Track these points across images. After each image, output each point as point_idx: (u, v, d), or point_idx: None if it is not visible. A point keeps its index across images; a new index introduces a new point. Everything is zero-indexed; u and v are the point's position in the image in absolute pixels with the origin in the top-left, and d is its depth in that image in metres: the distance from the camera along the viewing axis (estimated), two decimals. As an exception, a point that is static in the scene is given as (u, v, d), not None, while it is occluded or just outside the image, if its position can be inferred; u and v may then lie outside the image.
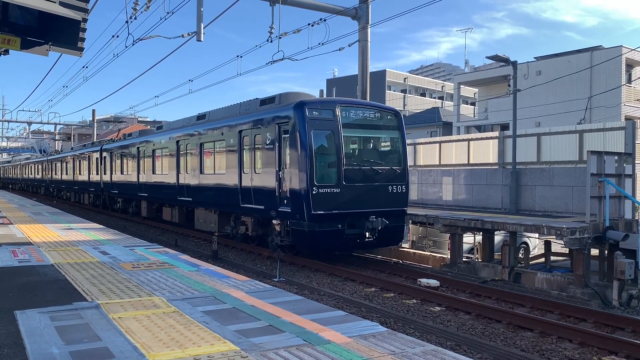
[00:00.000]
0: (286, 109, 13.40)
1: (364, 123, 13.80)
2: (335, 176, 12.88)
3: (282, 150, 13.41)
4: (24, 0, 7.31)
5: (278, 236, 14.10)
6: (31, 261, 8.78)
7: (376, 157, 14.00)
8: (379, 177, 13.54)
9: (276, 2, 15.67)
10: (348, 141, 13.53)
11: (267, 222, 14.75)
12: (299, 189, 12.65)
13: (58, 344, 4.52)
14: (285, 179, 13.20)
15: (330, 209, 12.66)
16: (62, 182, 40.93)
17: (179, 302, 6.03)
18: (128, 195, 26.26)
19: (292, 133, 13.00)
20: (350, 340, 4.66)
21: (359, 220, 13.06)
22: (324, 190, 12.62)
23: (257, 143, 14.60)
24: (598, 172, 12.05)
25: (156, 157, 22.35)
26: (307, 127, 12.66)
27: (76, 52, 8.94)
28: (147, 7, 15.04)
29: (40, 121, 55.58)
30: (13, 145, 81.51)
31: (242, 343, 4.58)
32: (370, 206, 13.20)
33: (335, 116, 13.12)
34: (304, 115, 12.72)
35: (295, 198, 12.78)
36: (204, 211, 18.33)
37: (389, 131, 14.33)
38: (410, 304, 10.11)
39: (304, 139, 12.65)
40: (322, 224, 12.57)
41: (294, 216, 12.91)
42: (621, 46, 31.27)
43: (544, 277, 12.11)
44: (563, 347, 7.80)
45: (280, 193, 13.35)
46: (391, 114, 14.41)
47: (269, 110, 14.38)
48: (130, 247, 10.73)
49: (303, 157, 12.61)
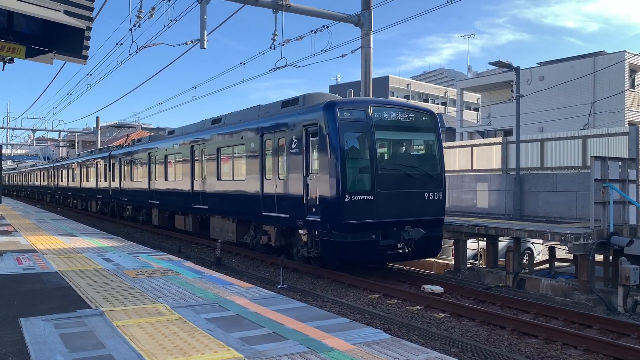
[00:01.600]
0: (315, 110, 12.51)
1: (397, 124, 12.79)
2: (369, 182, 11.96)
3: (310, 154, 12.57)
4: (29, 9, 7.37)
5: (304, 247, 13.27)
6: (35, 268, 8.80)
7: (411, 162, 12.98)
8: (415, 183, 12.55)
9: (279, 9, 15.73)
10: (382, 144, 12.70)
11: (291, 231, 13.96)
12: (330, 196, 11.77)
13: (62, 351, 4.53)
14: (314, 186, 12.30)
15: (364, 218, 11.77)
16: (68, 189, 40.44)
17: (183, 310, 6.03)
18: (138, 202, 25.60)
19: (321, 136, 12.08)
20: (354, 348, 4.66)
21: (394, 230, 12.15)
22: (357, 198, 11.71)
23: (281, 147, 13.75)
24: (602, 177, 12.03)
25: (168, 163, 21.57)
26: (338, 129, 11.74)
27: (80, 60, 9.01)
28: (150, 15, 15.12)
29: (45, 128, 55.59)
30: (17, 152, 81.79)
31: (245, 350, 4.58)
32: (405, 215, 12.25)
33: (368, 117, 12.19)
34: (335, 116, 11.81)
35: (325, 206, 11.93)
36: (221, 219, 17.44)
37: (424, 133, 13.30)
38: (414, 310, 10.08)
39: (334, 142, 11.74)
40: (355, 234, 11.69)
41: (323, 226, 12.02)
42: (624, 51, 31.25)
43: (548, 283, 12.06)
44: (568, 353, 7.76)
45: (308, 201, 12.46)
46: (426, 115, 13.38)
47: (294, 111, 13.55)
48: (134, 254, 10.74)
49: (334, 161, 11.72)
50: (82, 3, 8.32)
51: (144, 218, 25.33)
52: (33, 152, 76.10)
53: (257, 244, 15.55)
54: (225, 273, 11.18)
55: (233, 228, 16.58)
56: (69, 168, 39.94)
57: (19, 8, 7.23)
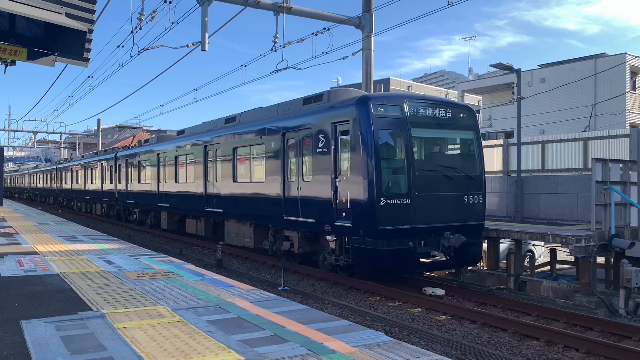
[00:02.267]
0: (346, 106, 11.65)
1: (434, 121, 11.78)
2: (405, 185, 11.04)
3: (340, 154, 11.69)
4: (31, 12, 7.39)
5: (332, 254, 12.36)
6: (37, 271, 8.81)
7: (449, 162, 12.03)
8: (454, 185, 11.64)
9: (280, 11, 15.76)
10: (418, 143, 11.74)
11: (316, 237, 13.13)
12: (363, 199, 10.88)
13: (63, 354, 4.53)
14: (344, 188, 11.41)
15: (400, 223, 10.86)
16: (72, 192, 39.62)
17: (184, 312, 6.03)
18: (146, 205, 24.78)
19: (353, 133, 11.21)
20: (355, 350, 4.65)
21: (432, 236, 11.22)
22: (393, 202, 10.82)
23: (305, 146, 12.88)
24: (603, 179, 12.02)
25: (179, 165, 20.70)
26: (372, 127, 10.82)
27: (82, 62, 9.04)
28: (152, 18, 15.15)
29: (46, 130, 55.79)
30: (18, 154, 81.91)
31: (246, 353, 4.58)
32: (444, 220, 11.34)
33: (403, 113, 11.27)
34: (369, 112, 10.89)
35: (358, 211, 11.03)
36: (236, 224, 16.50)
37: (463, 131, 12.34)
38: (415, 312, 10.08)
39: (368, 140, 10.84)
40: (391, 241, 10.77)
41: (355, 232, 11.13)
42: (625, 53, 31.25)
43: (549, 286, 12.05)
44: (570, 356, 7.75)
45: (337, 204, 11.56)
46: (465, 112, 12.45)
47: (320, 108, 12.73)
48: (135, 257, 10.75)
49: (368, 162, 10.81)
50: (83, 6, 8.36)
51: (152, 222, 24.60)
52: (34, 155, 76.21)
53: (277, 250, 14.63)
54: (226, 275, 11.19)
55: (250, 233, 15.71)
56: (72, 170, 39.17)
57: (20, 11, 7.26)
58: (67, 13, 8.02)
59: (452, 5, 13.38)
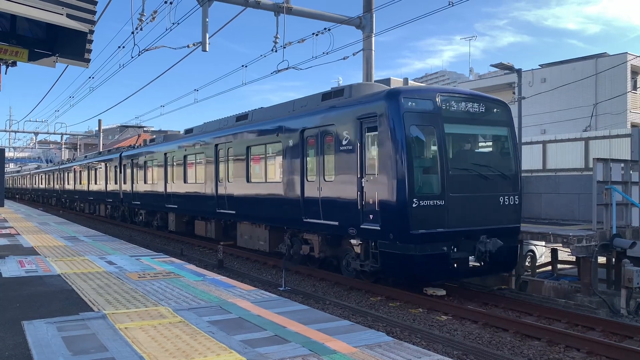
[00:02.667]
0: (373, 100, 10.91)
1: (468, 117, 11.08)
2: (439, 185, 10.32)
3: (366, 152, 10.97)
4: (32, 13, 7.40)
5: (356, 259, 11.69)
6: (38, 271, 8.82)
7: (484, 160, 11.29)
8: (489, 185, 10.94)
9: (280, 12, 15.78)
10: (452, 140, 10.89)
11: (337, 240, 12.50)
12: (393, 201, 10.16)
13: (65, 354, 4.54)
14: (372, 189, 10.69)
15: (434, 226, 10.13)
16: (75, 193, 38.87)
17: (185, 312, 6.04)
18: (153, 207, 24.00)
19: (382, 130, 10.47)
20: (357, 350, 4.66)
21: (467, 240, 10.54)
22: (426, 203, 10.08)
23: (327, 144, 12.16)
24: (604, 179, 12.01)
25: (188, 165, 19.93)
26: (404, 122, 10.11)
27: (83, 63, 9.03)
28: (152, 18, 15.18)
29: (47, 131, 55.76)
30: (19, 155, 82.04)
31: (248, 353, 4.58)
32: (480, 223, 10.63)
33: (436, 108, 10.56)
34: (400, 106, 10.19)
35: (388, 213, 10.32)
36: (250, 226, 15.72)
37: (497, 127, 11.63)
38: (417, 313, 10.07)
39: (399, 136, 10.11)
40: (424, 246, 10.04)
41: (384, 236, 10.41)
42: (626, 53, 31.25)
43: (551, 286, 12.04)
44: (571, 356, 7.75)
45: (364, 206, 10.86)
46: (499, 107, 11.68)
47: (344, 103, 12.02)
48: (136, 257, 10.76)
49: (399, 160, 10.08)
50: (84, 6, 8.36)
51: (158, 223, 23.79)
52: (35, 155, 76.32)
53: (294, 254, 13.94)
54: (227, 276, 11.19)
55: (265, 236, 14.94)
56: (75, 170, 38.44)
57: (21, 11, 7.26)
58: (68, 14, 8.03)
59: (452, 5, 13.39)
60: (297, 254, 13.78)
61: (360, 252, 11.52)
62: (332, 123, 11.89)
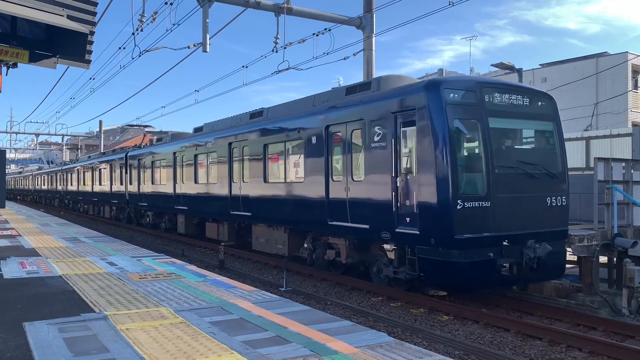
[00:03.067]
0: (411, 92, 10.11)
1: (512, 110, 10.21)
2: (484, 184, 9.49)
3: (401, 148, 10.12)
4: (32, 14, 7.41)
5: (389, 266, 10.82)
6: (39, 272, 8.83)
7: (530, 158, 10.38)
8: (535, 185, 10.06)
9: (281, 12, 15.79)
10: (496, 135, 9.98)
11: (366, 245, 11.69)
12: (435, 202, 9.28)
13: (66, 355, 4.54)
14: (409, 189, 9.83)
15: (479, 230, 9.27)
16: (78, 194, 38.02)
17: (186, 313, 6.04)
18: (161, 208, 23.21)
19: (421, 124, 9.61)
20: (358, 351, 4.65)
21: (513, 245, 9.59)
22: (471, 205, 9.22)
23: (355, 141, 11.36)
24: (605, 179, 12.00)
25: (199, 164, 19.05)
26: (446, 116, 9.27)
27: (83, 64, 9.05)
28: (153, 19, 15.20)
29: (48, 132, 55.88)
30: (20, 156, 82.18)
31: (249, 354, 4.58)
32: (527, 226, 9.75)
33: (479, 100, 9.73)
34: (442, 98, 9.36)
35: (428, 216, 9.45)
36: (267, 229, 14.92)
37: (543, 122, 10.79)
38: (418, 313, 10.07)
39: (442, 131, 9.26)
40: (470, 252, 9.14)
41: (424, 241, 9.53)
42: (627, 52, 31.24)
43: (552, 285, 12.03)
44: (573, 355, 7.74)
45: (399, 208, 10.02)
46: (544, 99, 10.85)
47: (375, 96, 11.17)
48: (138, 258, 10.76)
49: (441, 157, 9.23)
50: (85, 8, 8.37)
51: (166, 225, 22.90)
52: (36, 157, 76.41)
53: (317, 259, 13.08)
54: (229, 276, 11.20)
55: (284, 239, 14.08)
56: (79, 171, 37.60)
57: (22, 13, 7.28)
58: (69, 15, 8.04)
59: (453, 5, 13.39)
60: (319, 258, 12.97)
61: (393, 258, 10.60)
62: (362, 118, 11.04)
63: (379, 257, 11.23)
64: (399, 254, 10.49)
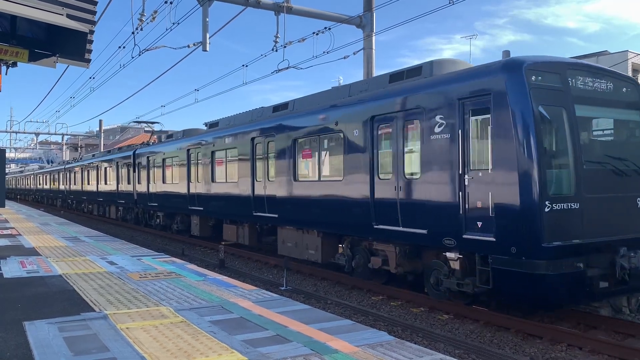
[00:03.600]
0: (484, 74, 8.74)
1: (598, 97, 8.91)
2: (572, 183, 8.18)
3: (471, 141, 8.74)
4: (32, 13, 7.40)
5: (451, 277, 9.37)
6: (39, 272, 8.83)
7: (618, 152, 8.97)
8: (625, 183, 8.76)
9: (281, 11, 15.78)
10: (584, 125, 8.75)
11: (419, 252, 10.44)
12: (518, 204, 7.94)
13: (67, 355, 4.54)
14: (481, 188, 8.45)
15: (569, 237, 7.95)
16: (82, 193, 36.80)
17: (187, 312, 6.04)
18: (173, 209, 21.92)
19: (498, 112, 8.24)
20: (358, 350, 4.65)
21: (603, 254, 8.27)
22: (560, 207, 7.90)
23: (409, 133, 10.07)
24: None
25: (216, 162, 17.80)
26: (531, 102, 7.95)
27: (83, 63, 9.05)
28: (153, 18, 15.19)
29: (48, 132, 55.87)
30: (20, 156, 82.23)
31: (249, 353, 4.58)
32: (617, 231, 8.40)
33: (565, 84, 8.42)
34: (525, 81, 8.03)
35: (508, 220, 8.10)
36: (295, 232, 13.62)
37: (631, 111, 9.39)
38: (418, 312, 10.06)
39: (525, 120, 7.94)
40: (559, 262, 7.79)
41: (502, 249, 8.13)
42: (627, 51, 31.24)
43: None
44: (573, 354, 7.73)
45: (468, 211, 8.63)
46: (630, 85, 9.49)
47: (433, 82, 9.83)
48: (138, 257, 10.76)
49: (525, 150, 7.91)
50: (84, 7, 8.37)
51: (179, 227, 21.70)
52: (36, 156, 76.46)
53: (357, 267, 11.73)
54: (229, 275, 11.20)
55: (317, 244, 12.78)
56: (83, 170, 36.30)
57: (22, 12, 7.27)
58: (68, 14, 8.04)
59: (453, 3, 13.36)
60: (360, 266, 11.63)
61: (458, 269, 9.18)
62: (418, 106, 9.70)
63: (437, 266, 9.79)
64: (464, 264, 9.08)
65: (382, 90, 11.05)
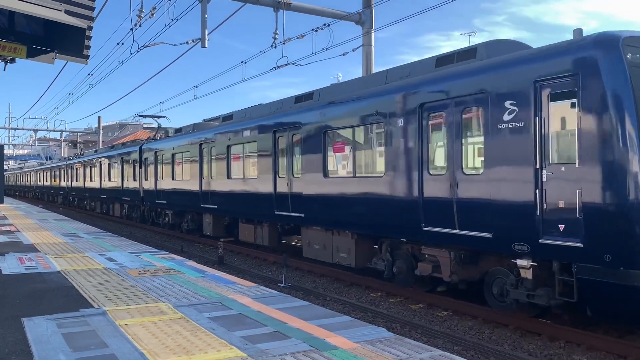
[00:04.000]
0: (571, 50, 7.50)
1: None
2: None
3: (550, 129, 7.61)
4: (30, 9, 7.38)
5: (519, 287, 8.29)
6: (38, 268, 8.82)
7: None
8: None
9: (280, 8, 15.75)
10: None
11: (475, 258, 9.29)
12: (615, 205, 6.93)
13: (65, 351, 4.54)
14: (564, 186, 7.35)
15: None
16: (85, 190, 35.55)
17: (186, 309, 6.04)
18: (183, 206, 20.85)
19: (587, 95, 7.14)
20: (357, 346, 4.66)
21: None
22: None
23: (467, 123, 8.99)
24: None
25: (233, 157, 16.71)
26: (631, 82, 6.90)
27: (82, 59, 9.03)
28: (151, 15, 15.17)
29: (47, 128, 55.78)
30: (19, 152, 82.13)
31: (248, 349, 4.58)
32: None
33: None
34: (622, 58, 6.96)
35: (600, 222, 7.00)
36: (324, 233, 12.47)
37: None
38: (417, 308, 10.08)
39: (624, 104, 6.87)
40: None
41: (592, 257, 7.06)
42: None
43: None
44: (571, 351, 7.75)
45: (546, 212, 7.55)
46: None
47: (506, 61, 8.43)
48: (136, 254, 10.76)
49: (626, 142, 6.82)
50: (83, 3, 8.34)
51: (189, 226, 20.69)
52: (35, 153, 76.37)
53: (400, 273, 10.61)
54: (228, 272, 11.20)
55: (349, 247, 11.68)
56: (85, 166, 35.08)
57: (20, 8, 7.25)
58: (67, 10, 8.01)
59: (452, 0, 13.34)
60: (403, 272, 10.53)
61: (530, 278, 8.09)
62: (482, 91, 8.51)
63: (501, 274, 8.75)
64: (538, 273, 8.07)
65: (432, 74, 9.90)
